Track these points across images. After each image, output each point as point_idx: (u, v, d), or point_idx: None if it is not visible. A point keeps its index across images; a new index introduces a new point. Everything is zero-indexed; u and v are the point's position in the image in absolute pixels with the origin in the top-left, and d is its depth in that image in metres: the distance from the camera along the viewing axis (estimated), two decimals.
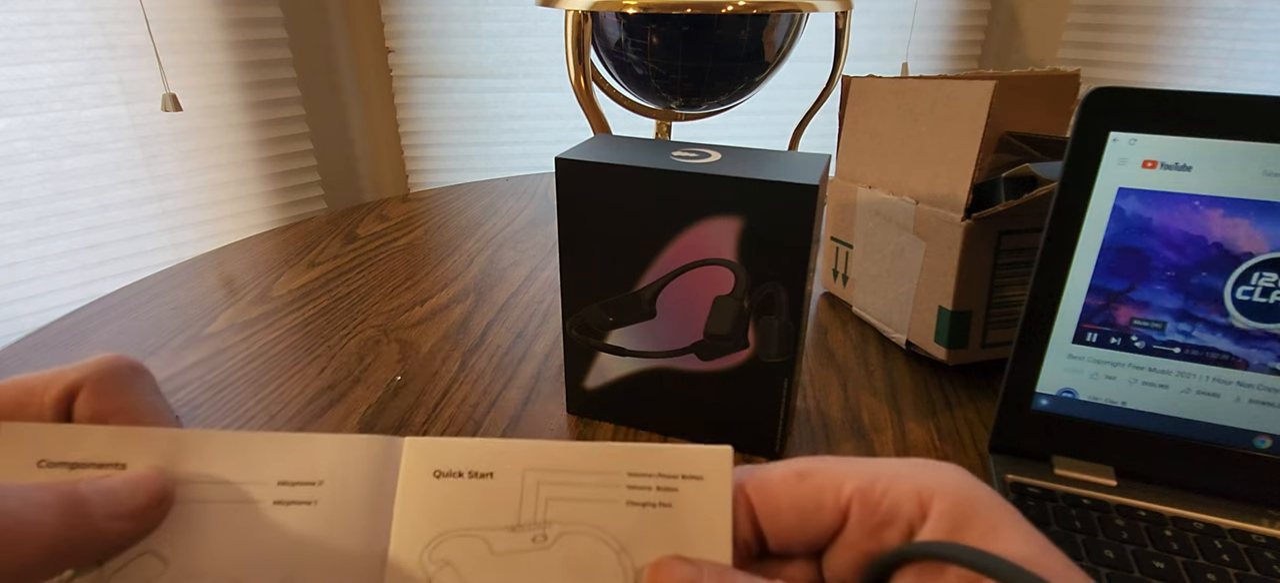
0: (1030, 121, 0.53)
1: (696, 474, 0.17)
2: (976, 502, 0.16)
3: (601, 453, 0.17)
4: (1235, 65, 1.25)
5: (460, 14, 1.32)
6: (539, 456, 0.17)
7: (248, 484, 0.16)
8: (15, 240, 1.06)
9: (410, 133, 1.42)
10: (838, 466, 0.18)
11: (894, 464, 0.18)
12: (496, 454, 0.17)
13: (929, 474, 0.17)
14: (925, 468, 0.17)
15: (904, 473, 0.17)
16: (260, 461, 0.16)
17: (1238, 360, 0.34)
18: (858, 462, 0.18)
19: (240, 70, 1.20)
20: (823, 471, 0.18)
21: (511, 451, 0.17)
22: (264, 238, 0.75)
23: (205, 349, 0.52)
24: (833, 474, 0.17)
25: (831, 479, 0.17)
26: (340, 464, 0.16)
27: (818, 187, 0.33)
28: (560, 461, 0.17)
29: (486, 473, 0.17)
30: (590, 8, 0.59)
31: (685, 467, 0.17)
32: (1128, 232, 0.34)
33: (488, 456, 0.17)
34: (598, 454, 0.17)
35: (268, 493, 0.16)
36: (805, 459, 0.18)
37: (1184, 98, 0.32)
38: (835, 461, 0.18)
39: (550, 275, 0.66)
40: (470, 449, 0.17)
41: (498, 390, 0.47)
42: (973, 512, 0.16)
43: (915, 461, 0.18)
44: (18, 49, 1.00)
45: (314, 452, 0.16)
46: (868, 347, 0.53)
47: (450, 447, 0.17)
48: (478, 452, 0.17)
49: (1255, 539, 0.33)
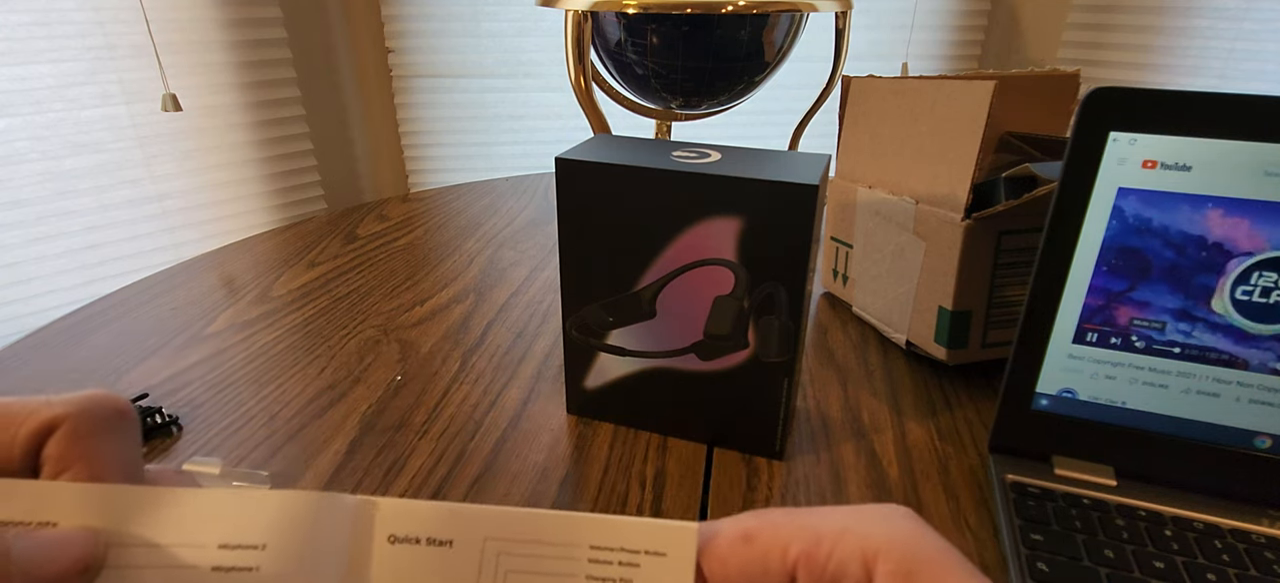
0: (1030, 121, 0.53)
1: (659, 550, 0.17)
2: (921, 556, 0.16)
3: (565, 523, 0.17)
4: (1235, 65, 1.25)
5: (460, 14, 1.32)
6: (501, 524, 0.16)
7: (185, 548, 0.15)
8: (15, 240, 1.06)
9: (410, 133, 1.42)
10: (783, 525, 0.17)
11: (841, 517, 0.17)
12: (456, 521, 0.16)
13: (876, 526, 0.16)
14: (873, 519, 0.17)
15: (851, 528, 0.17)
16: (201, 521, 0.15)
17: (1238, 360, 0.34)
18: (804, 515, 0.17)
19: (240, 70, 1.20)
20: (768, 531, 0.17)
21: (472, 517, 0.16)
22: (264, 238, 0.75)
23: (205, 349, 0.52)
24: (778, 537, 0.17)
25: (777, 542, 0.17)
26: (285, 525, 0.15)
27: (818, 187, 0.33)
28: (522, 530, 0.16)
29: (446, 541, 0.16)
30: (590, 8, 0.59)
31: (648, 543, 0.17)
32: (1128, 232, 0.34)
33: (447, 522, 0.16)
34: (561, 525, 0.17)
35: (206, 557, 0.15)
36: (751, 517, 0.18)
37: (1184, 98, 0.32)
38: (782, 516, 0.18)
39: (550, 275, 0.66)
40: (429, 514, 0.16)
41: (498, 391, 0.47)
42: (918, 567, 0.16)
43: (863, 510, 0.17)
44: (18, 49, 1.00)
45: (257, 511, 0.15)
46: (868, 347, 0.53)
47: (407, 510, 0.16)
48: (437, 517, 0.16)
49: (1255, 539, 0.33)
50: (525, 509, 0.16)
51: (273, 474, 0.39)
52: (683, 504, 0.37)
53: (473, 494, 0.38)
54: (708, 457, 0.41)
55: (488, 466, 0.40)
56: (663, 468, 0.40)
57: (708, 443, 0.42)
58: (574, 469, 0.40)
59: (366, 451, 0.41)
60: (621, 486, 0.38)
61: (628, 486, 0.38)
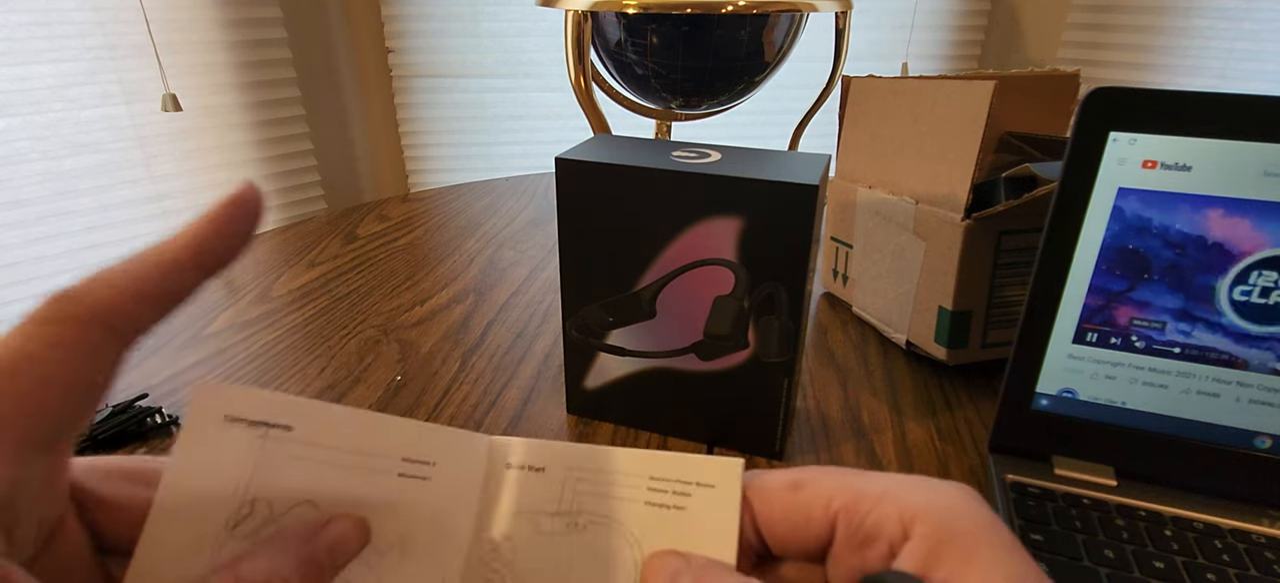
0: (1030, 121, 0.53)
1: (709, 482, 0.19)
2: (958, 525, 0.16)
3: (630, 458, 0.20)
4: (1235, 65, 1.25)
5: (460, 14, 1.32)
6: (579, 457, 0.21)
7: (379, 456, 0.19)
8: (15, 240, 1.06)
9: (410, 133, 1.42)
10: (830, 479, 0.18)
11: (887, 481, 0.17)
12: (548, 454, 0.21)
13: (919, 493, 0.17)
14: (919, 487, 0.17)
15: (893, 492, 0.17)
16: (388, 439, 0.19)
17: (1238, 360, 0.34)
18: (851, 475, 0.18)
19: (240, 70, 1.20)
20: (815, 483, 0.18)
21: (559, 451, 0.21)
22: (264, 238, 0.75)
23: (205, 349, 0.52)
24: (823, 488, 0.18)
25: (821, 493, 0.18)
26: (448, 450, 0.20)
27: (818, 187, 0.33)
28: (595, 463, 0.20)
29: (540, 468, 0.21)
30: (590, 8, 0.59)
31: (700, 475, 0.20)
32: (1128, 232, 0.34)
33: (542, 454, 0.21)
34: (627, 458, 0.20)
35: (393, 465, 0.19)
36: (803, 470, 0.19)
37: (1184, 98, 0.32)
38: (831, 472, 0.18)
39: (550, 275, 0.66)
40: (531, 448, 0.21)
41: (498, 390, 0.47)
42: (952, 537, 0.16)
43: (915, 479, 0.17)
44: (18, 49, 1.00)
45: (429, 437, 0.20)
46: (868, 347, 0.53)
47: (517, 445, 0.21)
48: (536, 451, 0.21)
49: (1255, 539, 0.33)
50: (600, 447, 0.21)
51: None
52: None
53: None
54: None
55: None
56: None
57: (708, 443, 0.42)
58: None
59: None
60: None
61: None
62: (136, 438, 0.42)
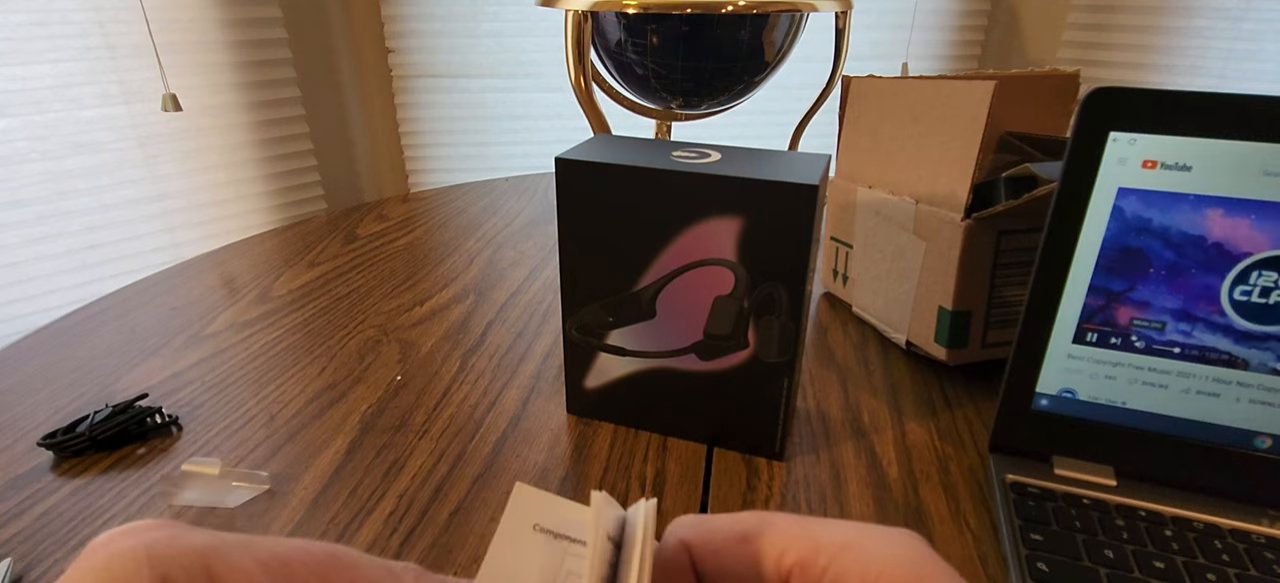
0: (1030, 121, 0.53)
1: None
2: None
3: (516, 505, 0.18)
4: (1235, 65, 1.25)
5: (460, 14, 1.32)
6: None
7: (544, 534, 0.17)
8: (15, 240, 1.06)
9: (410, 133, 1.42)
10: (783, 530, 0.17)
11: (843, 532, 0.16)
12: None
13: (880, 547, 0.16)
14: (877, 539, 0.16)
15: (854, 544, 0.16)
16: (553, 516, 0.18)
17: (1238, 360, 0.34)
18: (805, 526, 0.17)
19: (240, 70, 1.20)
20: (766, 535, 0.17)
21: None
22: (264, 238, 0.75)
23: (205, 349, 0.52)
24: (775, 540, 0.17)
25: (774, 546, 0.17)
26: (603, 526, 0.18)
27: (818, 187, 0.33)
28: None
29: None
30: (590, 8, 0.59)
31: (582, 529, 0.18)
32: (1128, 232, 0.34)
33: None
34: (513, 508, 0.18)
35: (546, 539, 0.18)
36: (751, 517, 0.18)
37: (1184, 98, 0.32)
38: (782, 522, 0.17)
39: (550, 275, 0.66)
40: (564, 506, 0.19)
41: (498, 391, 0.47)
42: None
43: (867, 528, 0.16)
44: (18, 49, 1.00)
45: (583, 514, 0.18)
46: (868, 347, 0.53)
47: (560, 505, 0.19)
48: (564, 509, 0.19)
49: (1255, 539, 0.33)
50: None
51: (272, 475, 0.39)
52: (682, 504, 0.37)
53: (472, 495, 0.38)
54: (707, 457, 0.41)
55: (488, 466, 0.40)
56: (663, 468, 0.40)
57: (708, 443, 0.42)
58: (574, 469, 0.40)
59: (366, 451, 0.41)
60: (621, 486, 0.38)
61: (628, 486, 0.38)
62: (137, 438, 0.42)
